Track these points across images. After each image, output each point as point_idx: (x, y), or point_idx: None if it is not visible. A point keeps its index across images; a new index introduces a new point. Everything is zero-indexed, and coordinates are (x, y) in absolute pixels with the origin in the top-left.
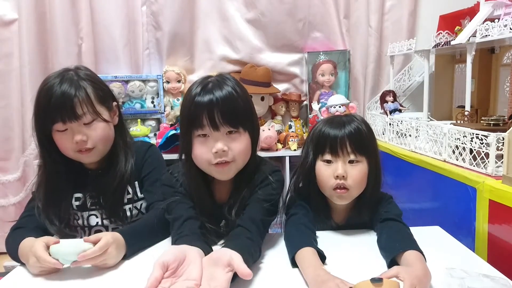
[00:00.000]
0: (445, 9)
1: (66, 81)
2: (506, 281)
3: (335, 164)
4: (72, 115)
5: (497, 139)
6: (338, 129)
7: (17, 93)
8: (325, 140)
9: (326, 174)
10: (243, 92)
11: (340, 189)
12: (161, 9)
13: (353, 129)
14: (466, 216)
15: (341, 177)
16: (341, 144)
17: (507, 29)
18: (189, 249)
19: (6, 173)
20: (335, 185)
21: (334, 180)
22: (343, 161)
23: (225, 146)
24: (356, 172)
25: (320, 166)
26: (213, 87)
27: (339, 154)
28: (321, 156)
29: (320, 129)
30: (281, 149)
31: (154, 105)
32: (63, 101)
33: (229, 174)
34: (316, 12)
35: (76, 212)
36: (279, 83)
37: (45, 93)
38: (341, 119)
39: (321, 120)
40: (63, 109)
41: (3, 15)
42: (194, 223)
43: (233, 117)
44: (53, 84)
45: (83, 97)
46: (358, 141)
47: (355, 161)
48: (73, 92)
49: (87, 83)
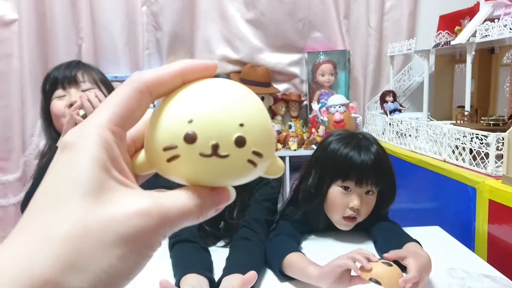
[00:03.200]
0: (445, 9)
1: (72, 63)
2: (507, 281)
3: (352, 195)
4: (72, 79)
5: (497, 139)
6: (364, 155)
7: (17, 93)
8: (350, 166)
9: (342, 203)
10: None
11: (350, 219)
12: (161, 9)
13: (374, 156)
14: (466, 216)
15: (355, 210)
16: (368, 174)
17: (507, 29)
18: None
19: (6, 173)
20: (347, 215)
21: (348, 210)
22: (361, 192)
23: None
24: (370, 203)
25: (337, 192)
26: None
27: (362, 185)
28: (340, 182)
29: (340, 151)
30: (281, 149)
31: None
32: (66, 71)
33: None
34: (316, 12)
35: None
36: (279, 83)
37: (49, 73)
38: (361, 142)
39: (335, 138)
40: (65, 75)
41: (3, 15)
42: (193, 227)
43: None
44: (58, 66)
45: (87, 71)
46: (381, 170)
47: (371, 192)
48: (78, 66)
49: (94, 69)
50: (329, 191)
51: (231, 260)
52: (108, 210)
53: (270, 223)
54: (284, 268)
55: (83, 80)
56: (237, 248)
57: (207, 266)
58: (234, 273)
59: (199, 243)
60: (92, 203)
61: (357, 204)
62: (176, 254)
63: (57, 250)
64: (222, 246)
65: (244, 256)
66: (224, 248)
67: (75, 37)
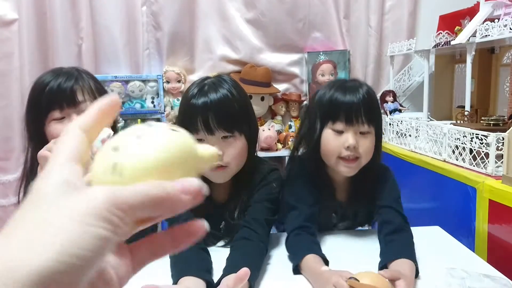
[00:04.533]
0: (445, 9)
1: (63, 74)
2: (507, 281)
3: (346, 135)
4: (71, 101)
5: (497, 139)
6: (352, 96)
7: (17, 93)
8: (338, 108)
9: (335, 144)
10: (239, 94)
11: (349, 160)
12: (161, 9)
13: (366, 95)
14: (466, 216)
15: (352, 148)
16: (356, 113)
17: (507, 29)
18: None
19: (6, 173)
20: (345, 156)
21: (343, 151)
22: (354, 131)
23: (219, 151)
24: (367, 142)
25: (329, 135)
26: (209, 90)
27: (353, 123)
28: (331, 125)
29: (330, 96)
30: (281, 149)
31: (154, 105)
32: (62, 89)
33: (224, 177)
34: (316, 12)
35: None
36: (279, 83)
37: (38, 86)
38: (350, 84)
39: (325, 86)
40: (62, 95)
41: (3, 15)
42: None
43: (228, 121)
44: (46, 78)
45: (85, 86)
46: (371, 109)
47: (366, 132)
48: (73, 81)
49: (87, 76)
50: (322, 135)
51: (231, 260)
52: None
53: (270, 223)
54: (300, 266)
55: (83, 100)
56: (237, 248)
57: (205, 267)
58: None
59: (199, 244)
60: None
61: (351, 143)
62: (174, 254)
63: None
64: (222, 246)
65: (244, 256)
66: (224, 248)
67: (75, 37)
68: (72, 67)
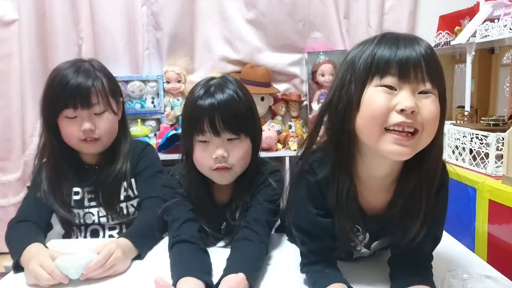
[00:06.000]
0: (445, 9)
1: (83, 72)
2: (508, 281)
3: (399, 94)
4: (85, 103)
5: (497, 139)
6: (408, 49)
7: (17, 93)
8: (388, 60)
9: (383, 105)
10: (245, 95)
11: (401, 133)
12: (161, 9)
13: (428, 49)
14: (466, 216)
15: (409, 113)
16: (415, 65)
17: (507, 29)
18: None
19: (6, 173)
20: (396, 124)
21: (394, 116)
22: (411, 89)
23: (225, 152)
24: (431, 105)
25: (374, 93)
26: (215, 91)
27: (410, 79)
28: (378, 80)
29: (373, 49)
30: (281, 149)
31: (154, 105)
32: (79, 90)
33: (228, 179)
34: (316, 12)
35: (72, 210)
36: (279, 83)
37: (60, 80)
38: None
39: (362, 42)
40: (78, 97)
41: (3, 15)
42: (193, 225)
43: (234, 123)
44: (68, 73)
45: (100, 88)
46: (435, 66)
47: (428, 92)
48: (91, 83)
49: (102, 75)
50: (365, 97)
51: (231, 261)
52: None
53: (271, 223)
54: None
55: (96, 102)
56: (238, 248)
57: (205, 268)
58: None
59: (199, 244)
60: None
61: (409, 104)
62: (174, 255)
63: None
64: (222, 246)
65: (244, 257)
66: (224, 248)
67: (75, 37)
68: (89, 61)
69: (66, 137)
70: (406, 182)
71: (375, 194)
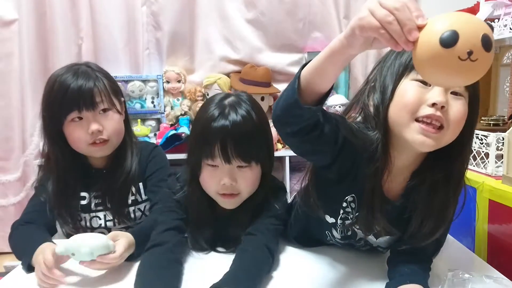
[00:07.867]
0: (445, 9)
1: (82, 74)
2: (508, 282)
3: (434, 89)
4: (90, 104)
5: (497, 139)
6: None
7: (17, 93)
8: None
9: (416, 96)
10: (259, 118)
11: (429, 125)
12: (161, 9)
13: None
14: (466, 216)
15: (439, 107)
16: None
17: (507, 29)
18: None
19: (6, 173)
20: (425, 116)
21: (424, 109)
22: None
23: (233, 181)
24: (460, 107)
25: (409, 85)
26: (229, 113)
27: None
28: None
29: None
30: (281, 149)
31: (154, 105)
32: (82, 92)
33: (234, 205)
34: (316, 12)
35: (79, 213)
36: (279, 83)
37: (59, 86)
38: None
39: None
40: (81, 99)
41: (3, 15)
42: (175, 235)
43: (246, 150)
44: (66, 78)
45: (102, 88)
46: None
47: (459, 94)
48: (92, 83)
49: (102, 75)
50: (398, 90)
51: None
52: None
53: (277, 231)
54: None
55: (100, 101)
56: (240, 258)
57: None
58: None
59: (174, 253)
60: None
61: (440, 99)
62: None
63: None
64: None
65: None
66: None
67: (75, 37)
68: (85, 64)
69: (74, 143)
70: (422, 177)
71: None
